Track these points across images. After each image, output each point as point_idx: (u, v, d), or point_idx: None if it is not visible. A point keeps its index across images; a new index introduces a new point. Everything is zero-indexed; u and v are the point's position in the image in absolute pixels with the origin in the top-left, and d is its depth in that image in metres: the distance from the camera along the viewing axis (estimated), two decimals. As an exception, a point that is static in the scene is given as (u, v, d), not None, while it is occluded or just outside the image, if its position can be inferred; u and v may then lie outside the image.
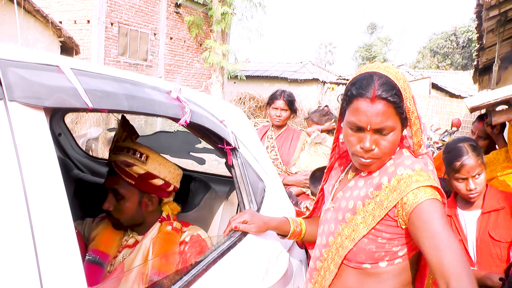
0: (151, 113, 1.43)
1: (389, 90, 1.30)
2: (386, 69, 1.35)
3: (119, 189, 1.75)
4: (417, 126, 1.37)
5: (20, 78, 0.97)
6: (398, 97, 1.31)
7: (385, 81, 1.31)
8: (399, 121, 1.34)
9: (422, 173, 1.33)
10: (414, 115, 1.35)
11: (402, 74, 1.36)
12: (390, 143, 1.35)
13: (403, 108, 1.32)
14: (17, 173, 0.91)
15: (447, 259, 1.18)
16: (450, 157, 2.17)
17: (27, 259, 0.88)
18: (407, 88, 1.33)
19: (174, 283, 1.35)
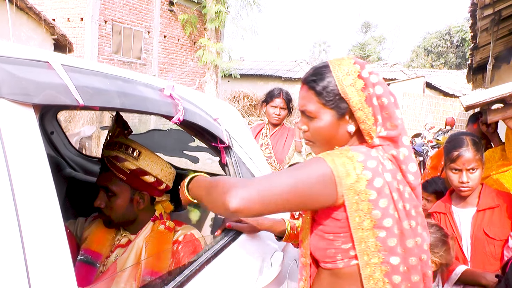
0: (144, 111, 1.41)
1: (315, 78, 1.35)
2: (338, 61, 1.37)
3: (111, 186, 1.74)
4: (364, 118, 1.32)
5: (8, 74, 0.95)
6: (323, 85, 1.33)
7: (319, 71, 1.36)
8: (327, 109, 1.34)
9: (342, 150, 1.28)
10: (359, 106, 1.31)
11: (354, 66, 1.34)
12: (317, 129, 1.36)
13: (332, 97, 1.32)
14: (5, 172, 0.88)
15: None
16: (450, 146, 2.19)
17: (15, 260, 0.86)
18: (347, 78, 1.31)
19: (167, 283, 1.34)
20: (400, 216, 1.27)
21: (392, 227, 1.25)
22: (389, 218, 1.25)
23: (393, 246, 1.26)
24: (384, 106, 1.32)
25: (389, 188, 1.25)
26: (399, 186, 1.28)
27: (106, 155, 1.77)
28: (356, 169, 1.22)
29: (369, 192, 1.22)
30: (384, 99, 1.32)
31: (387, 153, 1.30)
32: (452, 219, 2.24)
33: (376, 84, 1.32)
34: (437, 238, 2.00)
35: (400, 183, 1.29)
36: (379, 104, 1.31)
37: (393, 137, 1.31)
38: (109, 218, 1.79)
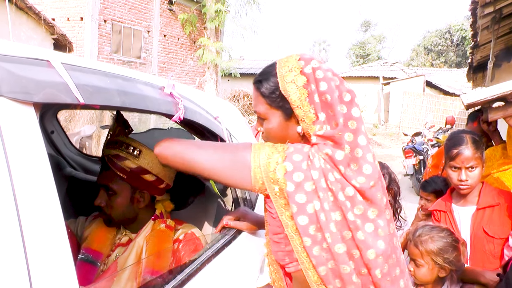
0: (144, 109, 1.41)
1: (261, 78, 1.34)
2: (285, 59, 1.34)
3: (111, 184, 1.73)
4: (303, 115, 1.28)
5: (8, 72, 0.95)
6: (268, 85, 1.31)
7: (266, 70, 1.35)
8: (274, 110, 1.32)
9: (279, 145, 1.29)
10: (297, 103, 1.28)
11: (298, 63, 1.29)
12: (268, 130, 1.36)
13: (277, 97, 1.30)
14: (5, 171, 0.88)
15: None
16: (450, 144, 2.19)
17: (16, 259, 0.86)
18: (289, 75, 1.28)
19: (168, 282, 1.33)
20: (319, 218, 1.21)
21: (306, 226, 1.21)
22: (304, 216, 1.20)
23: (308, 246, 1.22)
24: (328, 104, 1.26)
25: (314, 185, 1.21)
26: (332, 186, 1.21)
27: (107, 154, 1.76)
28: (278, 158, 1.23)
29: (286, 182, 1.21)
30: (328, 96, 1.25)
31: (321, 151, 1.24)
32: (452, 217, 2.24)
33: (320, 80, 1.26)
34: (448, 243, 1.97)
35: (334, 184, 1.22)
36: (321, 102, 1.26)
37: (330, 136, 1.24)
38: (109, 217, 1.78)
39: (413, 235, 2.03)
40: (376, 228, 1.24)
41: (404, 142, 13.69)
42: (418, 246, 1.97)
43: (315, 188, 1.20)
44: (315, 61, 1.30)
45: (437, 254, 1.94)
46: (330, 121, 1.26)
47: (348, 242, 1.22)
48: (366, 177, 1.24)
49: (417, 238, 1.99)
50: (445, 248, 1.95)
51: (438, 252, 1.94)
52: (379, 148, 16.39)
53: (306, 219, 1.20)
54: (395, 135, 19.64)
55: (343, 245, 1.22)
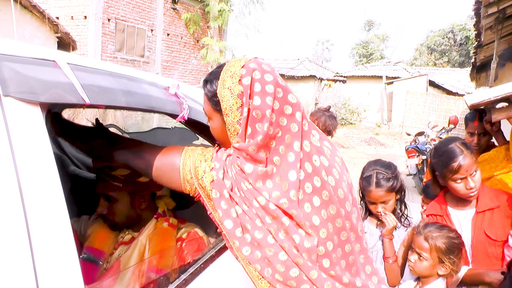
0: (149, 109, 1.42)
1: (207, 79, 1.34)
2: (233, 62, 1.31)
3: (110, 193, 1.76)
4: (229, 124, 1.28)
5: (15, 73, 0.96)
6: (210, 88, 1.31)
7: (213, 71, 1.35)
8: (216, 112, 1.32)
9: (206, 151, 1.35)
10: (227, 112, 1.26)
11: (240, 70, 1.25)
12: (212, 129, 1.39)
13: (216, 100, 1.30)
14: (12, 170, 0.89)
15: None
16: (444, 159, 2.14)
17: (23, 257, 0.86)
18: (228, 80, 1.25)
19: (172, 281, 1.34)
20: (243, 221, 1.25)
21: (232, 229, 1.25)
22: (229, 220, 1.25)
23: (237, 247, 1.27)
24: (256, 119, 1.22)
25: (229, 194, 1.25)
26: (246, 194, 1.24)
27: (96, 167, 1.79)
28: (206, 167, 1.29)
29: (211, 189, 1.27)
30: (259, 112, 1.22)
31: (233, 163, 1.26)
32: (450, 221, 2.20)
33: (255, 94, 1.22)
34: (456, 244, 1.98)
35: (247, 193, 1.24)
36: (251, 116, 1.23)
37: (243, 149, 1.24)
38: (113, 222, 1.81)
39: (423, 229, 2.04)
40: (291, 233, 1.24)
41: (407, 141, 13.67)
42: (428, 240, 1.98)
43: (229, 196, 1.25)
44: (257, 72, 1.24)
45: (443, 252, 1.95)
46: (255, 136, 1.23)
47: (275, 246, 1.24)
48: (281, 192, 1.23)
49: (428, 233, 2.00)
50: (452, 248, 1.96)
51: (445, 250, 1.95)
52: (382, 148, 16.35)
53: (231, 223, 1.25)
54: (398, 134, 19.60)
55: (272, 238, 1.24)
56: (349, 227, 1.34)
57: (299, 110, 1.29)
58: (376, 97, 23.56)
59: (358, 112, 22.61)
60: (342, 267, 1.31)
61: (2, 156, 0.88)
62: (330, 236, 1.27)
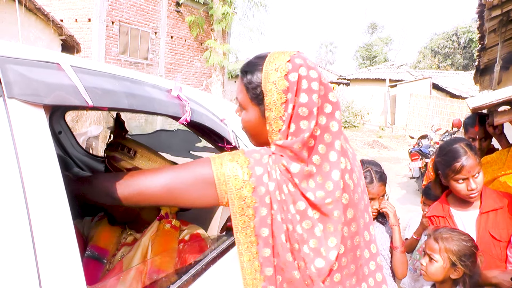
0: (151, 112, 1.43)
1: (247, 69, 1.28)
2: (276, 54, 1.27)
3: None
4: (272, 120, 1.24)
5: (20, 75, 0.96)
6: (250, 79, 1.26)
7: (254, 61, 1.29)
8: (253, 105, 1.28)
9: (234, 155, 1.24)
10: (271, 106, 1.23)
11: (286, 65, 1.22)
12: (245, 121, 1.33)
13: (257, 94, 1.25)
14: (16, 171, 0.90)
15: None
16: (448, 158, 2.15)
17: (26, 258, 0.87)
18: (273, 74, 1.22)
19: (174, 282, 1.35)
20: (273, 230, 1.20)
21: (267, 237, 1.20)
22: (265, 228, 1.19)
23: (267, 256, 1.21)
24: (302, 116, 1.20)
25: (270, 198, 1.19)
26: (286, 198, 1.19)
27: (106, 156, 1.82)
28: (244, 174, 1.19)
29: (253, 199, 1.18)
30: (305, 109, 1.20)
31: (277, 162, 1.21)
32: (453, 222, 2.21)
33: (302, 91, 1.20)
34: (467, 247, 1.97)
35: (288, 196, 1.19)
36: (296, 113, 1.20)
37: (288, 147, 1.20)
38: (112, 216, 1.84)
39: (434, 231, 2.05)
40: (320, 245, 1.21)
41: (410, 144, 13.65)
42: (438, 241, 1.98)
43: (270, 200, 1.19)
44: (304, 68, 1.22)
45: (454, 254, 1.95)
46: (299, 133, 1.20)
47: (296, 253, 1.21)
48: (326, 192, 1.21)
49: (438, 234, 2.01)
50: (463, 250, 1.96)
51: (456, 252, 1.95)
52: (385, 151, 16.33)
53: (267, 231, 1.20)
54: (401, 137, 19.58)
55: (291, 255, 1.20)
56: (361, 232, 1.33)
57: (338, 109, 1.28)
58: (380, 100, 23.53)
59: (362, 115, 22.60)
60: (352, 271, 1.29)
61: (6, 157, 0.89)
62: (344, 241, 1.26)
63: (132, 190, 1.25)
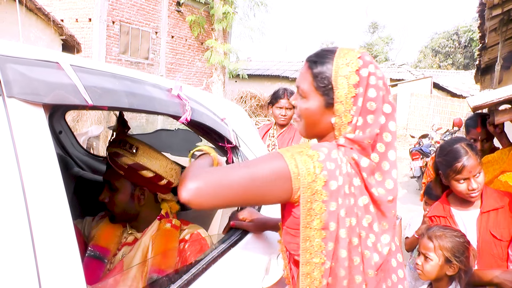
0: (152, 111, 1.42)
1: (316, 60, 1.31)
2: (346, 50, 1.31)
3: (113, 181, 1.79)
4: (341, 112, 1.27)
5: (19, 74, 0.96)
6: (321, 69, 1.28)
7: (323, 53, 1.32)
8: (318, 94, 1.30)
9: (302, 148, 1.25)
10: (341, 99, 1.26)
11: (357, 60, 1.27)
12: (304, 109, 1.33)
13: (325, 84, 1.28)
14: (16, 171, 0.90)
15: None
16: (449, 158, 2.14)
17: (26, 258, 0.87)
18: (344, 68, 1.26)
19: (174, 281, 1.34)
20: (339, 222, 1.21)
21: (334, 231, 1.21)
22: (333, 222, 1.21)
23: (330, 250, 1.22)
24: (370, 111, 1.26)
25: (339, 193, 1.21)
26: (354, 191, 1.23)
27: (108, 152, 1.83)
28: (315, 168, 1.19)
29: (324, 193, 1.19)
30: (373, 104, 1.25)
31: (347, 155, 1.24)
32: (454, 222, 2.21)
33: (371, 86, 1.26)
34: (460, 242, 1.99)
35: (356, 190, 1.24)
36: (364, 107, 1.26)
37: (358, 141, 1.24)
38: (112, 213, 1.83)
39: (427, 230, 2.06)
40: (377, 241, 1.27)
41: (411, 144, 13.64)
42: (432, 240, 1.99)
43: (339, 195, 1.21)
44: (373, 65, 1.29)
45: (449, 251, 1.96)
46: (365, 128, 1.25)
47: (353, 249, 1.24)
48: (386, 190, 1.27)
49: (431, 233, 2.02)
50: (457, 246, 1.97)
51: (450, 248, 1.96)
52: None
53: (334, 225, 1.21)
54: (402, 137, 19.56)
55: (346, 251, 1.23)
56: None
57: (395, 111, 1.32)
58: (380, 99, 23.49)
59: (362, 114, 22.52)
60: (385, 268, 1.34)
61: (5, 157, 0.89)
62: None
63: (210, 183, 1.17)
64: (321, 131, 1.35)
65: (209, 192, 1.16)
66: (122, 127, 1.88)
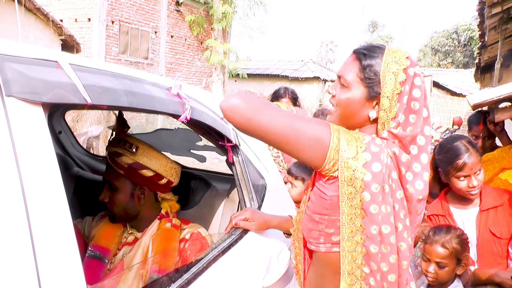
0: (151, 110, 1.42)
1: (366, 52, 1.33)
2: (394, 49, 1.35)
3: (113, 181, 1.79)
4: (387, 107, 1.30)
5: (18, 73, 0.96)
6: (370, 62, 1.30)
7: (373, 48, 1.34)
8: (362, 86, 1.31)
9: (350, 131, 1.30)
10: (388, 94, 1.29)
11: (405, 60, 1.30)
12: (343, 99, 1.34)
13: (372, 76, 1.30)
14: (15, 170, 0.89)
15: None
16: (449, 155, 2.13)
17: (25, 258, 0.87)
18: (393, 65, 1.29)
19: (175, 281, 1.34)
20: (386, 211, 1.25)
21: (377, 214, 1.24)
22: (376, 205, 1.23)
23: (374, 234, 1.25)
24: (413, 110, 1.29)
25: (382, 178, 1.23)
26: (392, 183, 1.26)
27: (108, 151, 1.83)
28: (358, 147, 1.23)
29: (364, 171, 1.22)
30: (417, 104, 1.29)
31: (389, 148, 1.27)
32: (453, 220, 2.20)
33: (416, 87, 1.30)
34: (464, 240, 1.99)
35: (394, 182, 1.27)
36: (408, 105, 1.29)
37: (402, 137, 1.28)
38: (112, 213, 1.84)
39: (434, 236, 2.02)
40: (408, 235, 1.32)
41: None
42: (446, 246, 1.97)
43: (382, 179, 1.24)
44: (418, 67, 1.33)
45: (460, 253, 1.96)
46: (406, 126, 1.29)
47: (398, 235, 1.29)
48: (416, 190, 1.30)
49: (443, 239, 1.99)
50: (464, 245, 1.98)
51: (460, 250, 1.97)
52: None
53: (377, 208, 1.24)
54: (402, 136, 19.56)
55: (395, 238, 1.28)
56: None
57: (430, 116, 1.36)
58: (380, 98, 23.49)
59: (362, 113, 22.52)
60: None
61: (4, 156, 0.89)
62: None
63: (261, 115, 1.24)
64: (355, 123, 1.36)
65: (246, 113, 1.23)
66: (122, 126, 1.89)
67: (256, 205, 1.92)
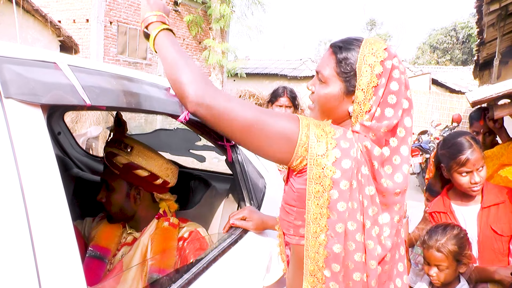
0: (150, 110, 1.42)
1: (342, 46, 1.29)
2: (372, 40, 1.30)
3: (109, 180, 1.80)
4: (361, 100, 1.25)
5: (16, 74, 0.96)
6: (346, 55, 1.27)
7: (349, 41, 1.30)
8: (339, 80, 1.28)
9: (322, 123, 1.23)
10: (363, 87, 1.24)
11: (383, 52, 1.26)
12: (322, 95, 1.31)
13: (348, 70, 1.26)
14: (14, 171, 0.89)
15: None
16: (453, 151, 2.14)
17: (25, 259, 0.87)
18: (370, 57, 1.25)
19: (175, 281, 1.34)
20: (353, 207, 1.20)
21: (344, 211, 1.18)
22: (343, 202, 1.18)
23: (340, 232, 1.20)
24: (389, 104, 1.24)
25: (352, 174, 1.18)
26: (361, 179, 1.21)
27: (105, 152, 1.84)
28: (328, 144, 1.18)
29: (334, 170, 1.17)
30: (394, 97, 1.24)
31: (360, 142, 1.22)
32: (454, 218, 2.20)
33: (394, 79, 1.25)
34: (463, 238, 1.99)
35: (363, 177, 1.21)
36: (384, 98, 1.24)
37: (374, 129, 1.23)
38: (109, 212, 1.85)
39: (429, 240, 2.02)
40: (380, 233, 1.26)
41: (411, 140, 13.61)
42: (441, 250, 1.97)
43: (352, 176, 1.19)
44: (397, 59, 1.28)
45: (459, 253, 1.97)
46: (382, 119, 1.24)
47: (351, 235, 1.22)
48: (394, 183, 1.26)
49: (437, 243, 1.99)
50: (462, 244, 1.98)
51: (459, 250, 1.97)
52: (385, 147, 16.28)
53: (345, 205, 1.19)
54: (402, 133, 19.55)
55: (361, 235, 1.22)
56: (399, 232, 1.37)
57: (412, 108, 1.31)
58: (379, 96, 23.49)
59: (361, 112, 22.51)
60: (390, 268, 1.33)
61: (3, 158, 0.89)
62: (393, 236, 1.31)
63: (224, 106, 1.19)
64: (336, 119, 1.31)
65: (211, 106, 1.18)
66: (119, 127, 1.89)
67: (256, 205, 1.92)
